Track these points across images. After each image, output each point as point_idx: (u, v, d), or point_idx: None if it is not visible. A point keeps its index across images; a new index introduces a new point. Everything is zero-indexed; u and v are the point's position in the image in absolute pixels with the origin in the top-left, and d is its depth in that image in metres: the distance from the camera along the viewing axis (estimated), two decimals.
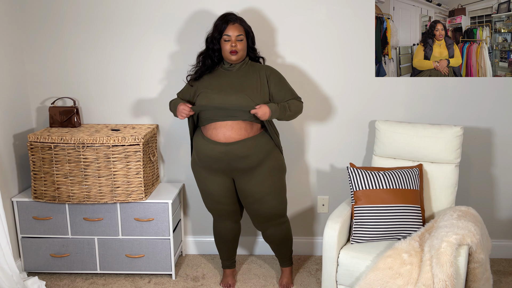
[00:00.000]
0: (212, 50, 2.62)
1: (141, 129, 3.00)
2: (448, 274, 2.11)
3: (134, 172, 2.84)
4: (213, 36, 2.59)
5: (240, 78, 2.61)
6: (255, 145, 2.58)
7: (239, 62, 2.63)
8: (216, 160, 2.59)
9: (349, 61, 3.02)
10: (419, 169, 2.67)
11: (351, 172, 2.63)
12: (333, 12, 2.96)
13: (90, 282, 3.01)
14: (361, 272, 2.39)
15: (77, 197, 2.85)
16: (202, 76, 2.67)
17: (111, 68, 3.09)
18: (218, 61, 2.67)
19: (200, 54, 2.69)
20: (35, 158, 2.83)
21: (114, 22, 3.03)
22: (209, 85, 2.62)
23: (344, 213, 2.59)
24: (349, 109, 3.09)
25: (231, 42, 2.55)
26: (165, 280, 3.03)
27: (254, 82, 2.60)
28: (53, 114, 3.06)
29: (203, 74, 2.67)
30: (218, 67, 2.67)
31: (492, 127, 3.05)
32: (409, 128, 2.77)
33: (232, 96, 2.54)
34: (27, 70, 3.12)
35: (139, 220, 2.92)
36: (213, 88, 2.60)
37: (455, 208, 2.52)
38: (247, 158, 2.57)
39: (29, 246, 2.99)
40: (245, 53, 2.62)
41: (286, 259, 2.92)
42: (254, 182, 2.63)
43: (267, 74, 2.64)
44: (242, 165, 2.58)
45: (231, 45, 2.55)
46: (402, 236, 2.53)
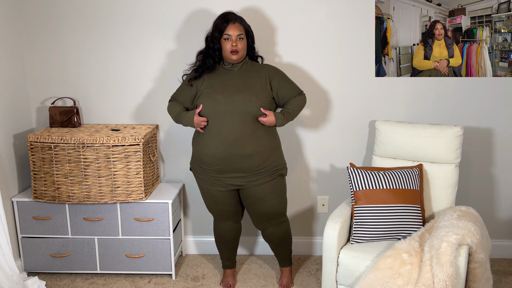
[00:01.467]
0: (213, 50, 2.61)
1: (141, 129, 3.00)
2: (448, 274, 2.11)
3: (134, 172, 2.84)
4: (213, 36, 2.58)
5: (243, 77, 2.61)
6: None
7: (239, 62, 2.62)
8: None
9: (349, 61, 3.02)
10: (419, 169, 2.67)
11: (351, 172, 2.63)
12: (333, 12, 2.96)
13: (90, 282, 3.01)
14: (361, 272, 2.39)
15: (77, 197, 2.85)
16: (202, 75, 2.66)
17: (111, 68, 3.09)
18: (218, 61, 2.66)
19: (200, 53, 2.68)
20: (35, 158, 2.83)
21: (114, 22, 3.03)
22: (210, 85, 2.61)
23: (344, 213, 2.59)
24: (349, 109, 3.09)
25: (231, 42, 2.54)
26: (165, 280, 3.03)
27: (257, 81, 2.61)
28: (53, 114, 3.06)
29: (203, 73, 2.65)
30: (218, 67, 2.66)
31: (492, 127, 3.05)
32: (409, 128, 2.77)
33: (237, 96, 2.54)
34: (27, 70, 3.12)
35: (139, 220, 2.92)
36: (215, 88, 2.59)
37: (455, 208, 2.52)
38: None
39: (29, 246, 2.99)
40: (245, 52, 2.62)
41: (286, 259, 2.92)
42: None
43: (269, 74, 2.65)
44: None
45: (232, 44, 2.54)
46: (402, 236, 2.53)
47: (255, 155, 2.57)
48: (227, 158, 2.56)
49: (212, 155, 2.58)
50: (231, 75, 2.62)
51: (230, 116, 2.54)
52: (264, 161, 2.61)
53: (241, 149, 2.54)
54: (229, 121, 2.54)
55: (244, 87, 2.58)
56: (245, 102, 2.54)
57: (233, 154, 2.55)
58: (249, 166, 2.59)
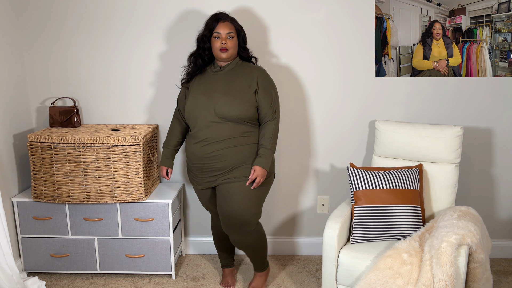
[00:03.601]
0: (203, 49, 2.61)
1: (141, 129, 3.00)
2: (448, 274, 2.11)
3: (134, 172, 2.84)
4: (204, 35, 2.59)
5: (228, 80, 2.58)
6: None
7: (229, 62, 2.61)
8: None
9: (349, 61, 3.02)
10: (419, 169, 2.67)
11: (351, 172, 2.63)
12: (333, 12, 2.96)
13: (90, 282, 3.01)
14: (361, 272, 2.39)
15: (77, 197, 2.85)
16: (193, 77, 2.67)
17: (111, 68, 3.09)
18: (210, 61, 2.66)
19: (191, 55, 2.68)
20: (35, 158, 2.83)
21: (114, 22, 3.03)
22: (197, 85, 2.62)
23: (344, 213, 2.59)
24: (349, 109, 3.09)
25: (221, 40, 2.53)
26: (165, 280, 3.03)
27: (242, 85, 2.56)
28: (53, 114, 3.06)
29: (194, 75, 2.66)
30: (209, 68, 2.66)
31: (492, 127, 3.05)
32: (409, 128, 2.77)
33: (218, 98, 2.53)
34: (27, 70, 3.12)
35: (139, 220, 2.92)
36: (200, 88, 2.60)
37: (455, 208, 2.52)
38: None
39: (29, 246, 2.99)
40: (235, 51, 2.59)
41: (255, 265, 2.86)
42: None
43: (258, 80, 2.58)
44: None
45: (221, 42, 2.53)
46: (402, 236, 2.53)
47: (229, 158, 2.54)
48: (203, 158, 2.56)
49: (193, 153, 2.61)
50: (218, 77, 2.61)
51: (208, 118, 2.53)
52: (241, 164, 2.56)
53: (218, 149, 2.53)
54: (207, 122, 2.54)
55: (227, 90, 2.55)
56: (223, 105, 2.51)
57: (208, 154, 2.55)
58: (223, 166, 2.56)
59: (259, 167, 2.53)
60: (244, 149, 2.57)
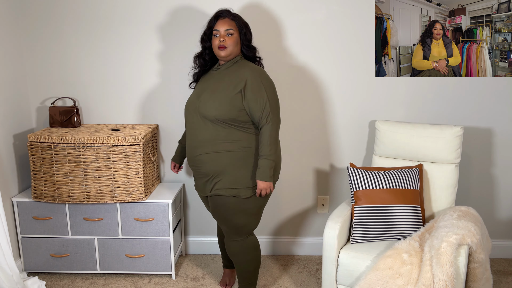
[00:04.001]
0: (204, 48, 2.57)
1: (141, 129, 3.00)
2: (448, 274, 2.11)
3: (134, 172, 2.84)
4: (204, 33, 2.55)
5: (220, 79, 2.48)
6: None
7: (229, 60, 2.51)
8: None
9: (349, 61, 3.02)
10: (419, 169, 2.67)
11: (351, 172, 2.63)
12: (333, 12, 2.96)
13: (90, 282, 3.01)
14: (361, 272, 2.39)
15: (77, 197, 2.85)
16: (199, 77, 2.64)
17: (111, 68, 3.09)
18: (212, 60, 2.60)
19: (196, 56, 2.64)
20: (35, 158, 2.83)
21: (114, 22, 3.03)
22: (196, 87, 2.60)
23: (344, 213, 2.59)
24: (349, 109, 3.09)
25: (219, 37, 2.46)
26: (165, 280, 3.03)
27: (230, 85, 2.43)
28: (53, 114, 3.06)
29: (199, 75, 2.64)
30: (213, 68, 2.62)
31: (492, 127, 3.05)
32: (409, 128, 2.77)
33: (204, 97, 2.47)
34: (27, 70, 3.12)
35: (139, 220, 2.92)
36: (197, 89, 2.57)
37: (455, 208, 2.52)
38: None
39: (29, 246, 2.99)
40: (235, 49, 2.47)
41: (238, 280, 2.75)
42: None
43: (247, 81, 2.40)
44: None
45: (220, 40, 2.45)
46: (402, 236, 2.53)
47: (208, 165, 2.47)
48: (191, 160, 2.55)
49: (187, 153, 2.60)
50: (213, 76, 2.55)
51: (193, 118, 2.50)
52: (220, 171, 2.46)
53: (199, 153, 2.49)
54: (192, 122, 2.51)
55: (214, 89, 2.46)
56: (204, 104, 2.44)
57: (194, 156, 2.51)
58: (206, 172, 2.50)
59: (260, 180, 2.43)
60: (224, 156, 2.44)
